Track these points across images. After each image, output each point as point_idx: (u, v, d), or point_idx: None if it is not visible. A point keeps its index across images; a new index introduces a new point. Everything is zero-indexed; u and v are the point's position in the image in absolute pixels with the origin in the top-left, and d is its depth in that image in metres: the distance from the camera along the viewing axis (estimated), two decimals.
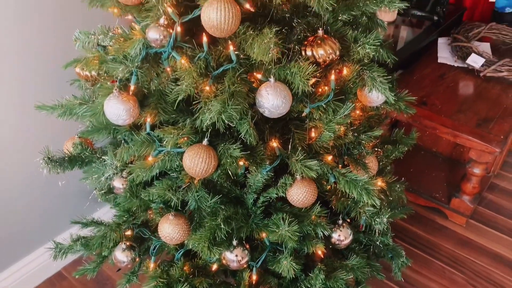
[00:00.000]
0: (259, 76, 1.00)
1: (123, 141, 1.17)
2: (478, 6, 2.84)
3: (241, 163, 1.05)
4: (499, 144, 1.66)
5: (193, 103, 1.01)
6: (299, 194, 1.08)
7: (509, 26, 2.33)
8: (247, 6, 0.90)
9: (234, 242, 1.13)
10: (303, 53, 1.00)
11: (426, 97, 1.88)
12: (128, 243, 1.21)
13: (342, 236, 1.24)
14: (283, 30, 1.02)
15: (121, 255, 1.20)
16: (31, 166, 1.54)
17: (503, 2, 2.96)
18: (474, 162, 1.80)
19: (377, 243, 1.39)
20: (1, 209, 1.56)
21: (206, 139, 1.01)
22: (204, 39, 0.95)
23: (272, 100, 0.95)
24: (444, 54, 2.15)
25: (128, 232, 1.23)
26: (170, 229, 1.07)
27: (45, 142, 1.33)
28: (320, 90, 1.08)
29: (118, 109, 0.97)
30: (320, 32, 0.98)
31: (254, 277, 1.19)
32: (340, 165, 1.20)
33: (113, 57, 0.97)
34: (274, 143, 1.08)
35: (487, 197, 2.17)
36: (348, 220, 1.29)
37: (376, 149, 1.35)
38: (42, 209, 1.69)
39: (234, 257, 1.13)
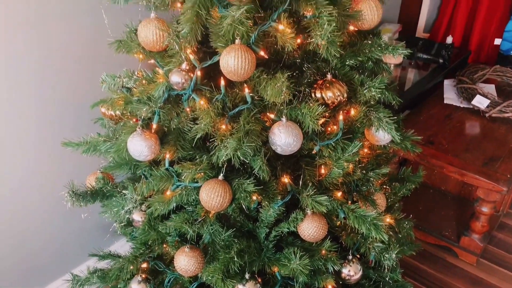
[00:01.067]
0: (272, 116, 1.07)
1: (142, 176, 1.24)
2: (483, 49, 2.93)
3: (254, 197, 1.10)
4: (506, 183, 1.70)
5: (210, 140, 1.08)
6: (310, 228, 1.12)
7: None
8: (262, 53, 0.98)
9: (247, 276, 1.16)
10: (313, 95, 1.07)
11: (433, 137, 1.94)
12: (143, 276, 1.25)
13: (352, 271, 1.27)
14: (294, 74, 1.10)
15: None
16: (52, 200, 1.61)
17: (508, 44, 3.05)
18: (482, 201, 1.83)
19: (387, 279, 1.41)
20: (22, 241, 1.62)
21: (221, 174, 1.07)
22: (222, 82, 1.03)
23: (284, 138, 1.01)
24: (450, 95, 2.22)
25: (144, 265, 1.27)
26: (185, 261, 1.11)
27: (65, 176, 1.41)
28: (329, 129, 1.15)
29: (140, 146, 1.04)
30: (329, 76, 1.06)
31: None
32: (349, 201, 1.24)
33: (138, 98, 1.05)
34: (286, 179, 1.13)
35: (497, 236, 2.17)
36: (358, 256, 1.32)
37: (384, 186, 1.40)
38: (60, 242, 1.75)
39: None
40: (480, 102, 2.03)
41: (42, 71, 1.46)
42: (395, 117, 1.17)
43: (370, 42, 1.10)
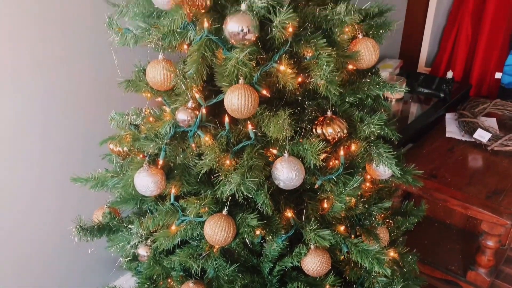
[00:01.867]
0: (274, 151, 1.10)
1: (148, 211, 1.26)
2: (485, 82, 2.98)
3: (258, 232, 1.12)
4: (510, 217, 1.70)
5: (215, 175, 1.11)
6: (314, 263, 1.13)
7: None
8: (264, 92, 1.03)
9: None
10: (314, 131, 1.11)
11: (436, 170, 1.96)
12: None
13: None
14: (296, 110, 1.14)
15: None
16: (59, 234, 1.63)
17: (509, 78, 3.10)
18: (487, 235, 1.82)
19: None
20: (27, 273, 1.63)
21: (226, 209, 1.09)
22: (226, 119, 1.07)
23: (287, 173, 1.04)
24: (452, 129, 2.25)
25: None
26: None
27: (69, 210, 1.43)
28: (331, 163, 1.17)
29: (147, 181, 1.07)
30: (329, 113, 1.10)
31: None
32: (352, 235, 1.26)
33: (145, 135, 1.09)
34: (289, 213, 1.15)
35: (504, 270, 2.14)
36: None
37: (387, 220, 1.41)
38: (65, 276, 1.75)
39: None
40: (481, 135, 2.06)
41: (52, 109, 1.51)
42: (396, 152, 1.20)
43: (368, 80, 1.14)
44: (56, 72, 1.48)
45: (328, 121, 1.09)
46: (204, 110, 1.06)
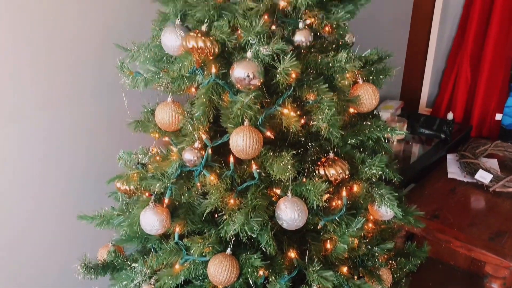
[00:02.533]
0: (278, 191, 1.12)
1: (152, 249, 1.27)
2: (485, 123, 3.02)
3: (261, 272, 1.13)
4: None
5: (219, 214, 1.13)
6: None
7: None
8: (268, 133, 1.06)
9: None
10: (316, 172, 1.14)
11: (438, 211, 1.96)
12: None
13: None
14: (299, 151, 1.18)
15: None
16: (60, 272, 1.63)
17: (510, 119, 3.14)
18: (491, 277, 1.81)
19: None
20: None
21: (229, 249, 1.11)
22: (231, 159, 1.10)
23: (290, 214, 1.06)
24: (453, 170, 2.27)
25: None
26: None
27: (69, 248, 1.44)
28: (334, 204, 1.19)
29: (152, 220, 1.09)
30: (331, 154, 1.13)
31: None
32: (355, 277, 1.26)
33: (152, 174, 1.12)
34: (292, 254, 1.16)
35: None
36: None
37: (390, 261, 1.41)
38: None
39: None
40: (483, 176, 2.08)
41: (58, 147, 1.55)
42: (397, 193, 1.22)
43: (369, 123, 1.18)
44: (64, 111, 1.52)
45: (330, 163, 1.12)
46: (210, 151, 1.09)
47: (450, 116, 2.63)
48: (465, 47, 2.94)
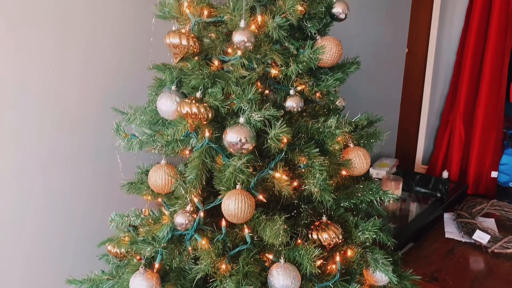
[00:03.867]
0: (270, 256, 1.11)
1: None
2: (481, 181, 3.02)
3: None
4: None
5: (210, 280, 1.10)
6: None
7: (510, 203, 2.46)
8: (261, 197, 1.06)
9: None
10: (310, 236, 1.12)
11: (437, 273, 1.92)
12: None
13: None
14: (292, 214, 1.17)
15: None
16: None
17: (506, 177, 3.15)
18: None
19: None
20: None
21: None
22: (223, 223, 1.09)
23: (283, 280, 1.03)
24: (451, 229, 2.25)
25: None
26: None
27: None
28: (328, 268, 1.17)
29: (142, 286, 1.06)
30: (324, 218, 1.12)
31: None
32: None
33: (143, 238, 1.11)
34: None
35: None
36: None
37: None
38: None
39: None
40: (480, 237, 2.05)
41: (51, 209, 1.54)
42: (393, 257, 1.20)
43: (362, 186, 1.18)
44: (61, 172, 1.53)
45: (323, 227, 1.11)
46: (201, 214, 1.09)
47: (445, 174, 2.65)
48: (457, 105, 3.01)
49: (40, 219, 1.51)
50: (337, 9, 1.12)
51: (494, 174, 3.04)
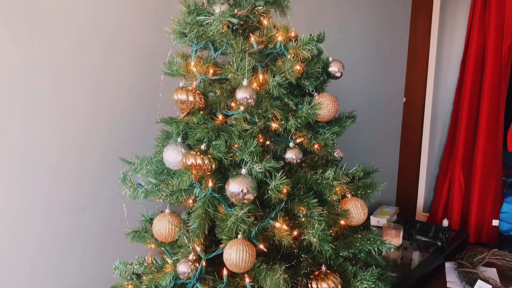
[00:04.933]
0: None
1: None
2: (483, 230, 3.01)
3: None
4: None
5: None
6: None
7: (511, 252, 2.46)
8: (261, 246, 1.09)
9: None
10: (309, 286, 1.14)
11: None
12: None
13: None
14: (293, 263, 1.20)
15: None
16: None
17: (507, 225, 3.15)
18: None
19: None
20: None
21: None
22: (224, 272, 1.12)
23: None
24: (452, 279, 2.24)
25: None
26: None
27: None
28: None
29: None
30: (324, 268, 1.15)
31: None
32: None
33: (146, 286, 1.13)
34: None
35: None
36: None
37: None
38: None
39: None
40: (482, 287, 2.04)
41: (58, 258, 1.56)
42: None
43: (360, 235, 1.22)
44: (66, 220, 1.55)
45: (322, 276, 1.13)
46: (204, 263, 1.11)
47: (445, 223, 2.66)
48: (456, 154, 3.05)
49: (37, 267, 1.53)
50: (333, 68, 1.20)
51: (495, 222, 3.03)
